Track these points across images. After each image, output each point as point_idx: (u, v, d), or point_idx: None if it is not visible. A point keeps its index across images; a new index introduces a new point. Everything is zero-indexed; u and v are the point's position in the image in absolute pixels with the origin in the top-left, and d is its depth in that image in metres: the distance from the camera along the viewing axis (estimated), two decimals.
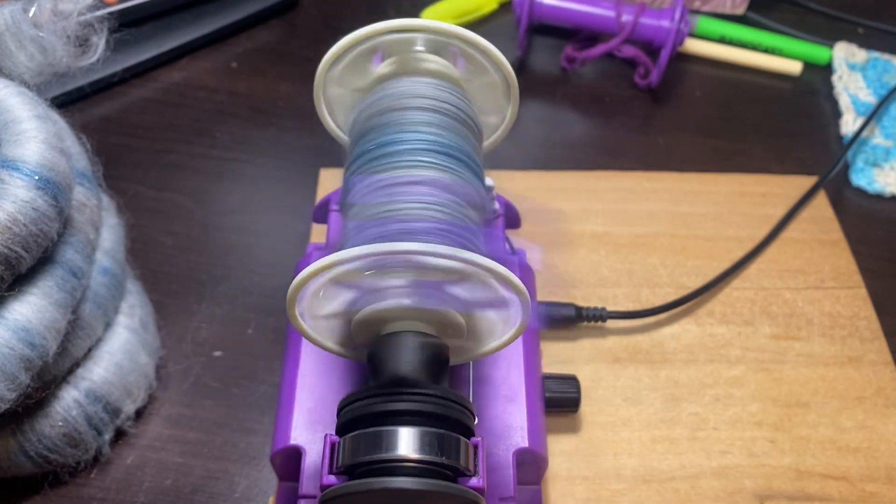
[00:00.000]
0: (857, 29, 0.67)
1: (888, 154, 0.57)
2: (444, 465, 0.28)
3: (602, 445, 0.42)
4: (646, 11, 0.59)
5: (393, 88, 0.35)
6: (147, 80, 0.61)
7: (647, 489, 0.41)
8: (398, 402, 0.28)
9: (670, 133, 0.59)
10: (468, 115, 0.35)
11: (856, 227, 0.53)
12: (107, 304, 0.40)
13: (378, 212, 0.31)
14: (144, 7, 0.60)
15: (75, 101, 0.58)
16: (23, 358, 0.33)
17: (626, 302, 0.48)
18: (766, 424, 0.43)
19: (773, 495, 0.41)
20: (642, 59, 0.60)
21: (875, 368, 0.46)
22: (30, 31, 0.37)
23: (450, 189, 0.32)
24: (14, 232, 0.32)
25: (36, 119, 0.35)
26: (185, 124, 0.58)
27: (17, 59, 0.38)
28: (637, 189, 0.54)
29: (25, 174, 0.33)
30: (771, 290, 0.49)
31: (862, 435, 0.43)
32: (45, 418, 0.38)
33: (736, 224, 0.52)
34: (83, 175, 0.39)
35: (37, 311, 0.34)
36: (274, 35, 0.66)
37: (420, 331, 0.31)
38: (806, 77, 0.63)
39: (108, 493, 0.41)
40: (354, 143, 0.35)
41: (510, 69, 0.36)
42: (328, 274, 0.30)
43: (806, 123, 0.60)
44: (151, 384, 0.43)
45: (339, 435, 0.29)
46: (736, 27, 0.65)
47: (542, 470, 0.37)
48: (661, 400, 0.44)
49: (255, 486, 0.41)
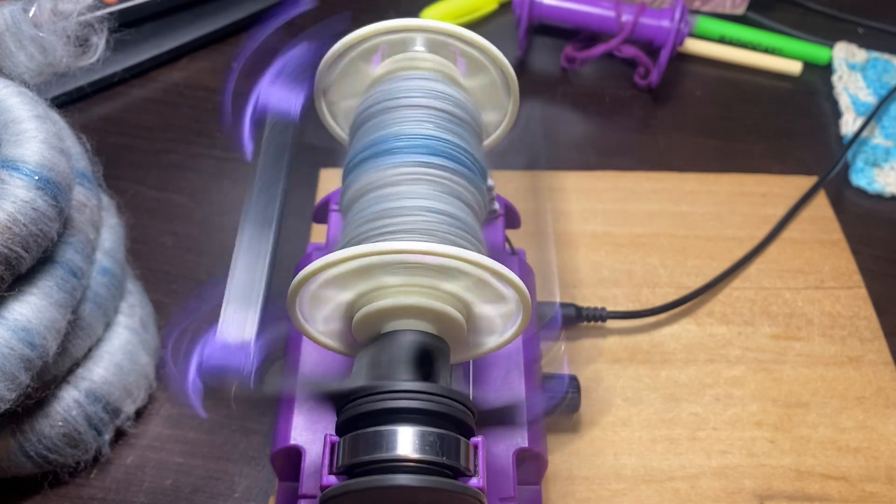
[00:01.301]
0: (857, 29, 0.67)
1: (888, 154, 0.57)
2: (445, 464, 0.28)
3: (602, 445, 0.42)
4: (646, 11, 0.59)
5: (393, 87, 0.35)
6: (147, 80, 0.61)
7: (647, 489, 0.41)
8: (398, 401, 0.28)
9: (670, 133, 0.59)
10: (469, 114, 0.35)
11: (856, 227, 0.53)
12: (107, 304, 0.40)
13: (378, 210, 0.31)
14: (144, 7, 0.60)
15: (75, 101, 0.58)
16: (23, 358, 0.33)
17: (626, 302, 0.48)
18: (766, 424, 0.43)
19: (773, 495, 0.41)
20: (642, 59, 0.60)
21: (875, 368, 0.46)
22: (30, 31, 0.37)
23: (450, 188, 0.32)
24: (14, 232, 0.32)
25: (36, 119, 0.35)
26: (185, 124, 0.58)
27: (17, 59, 0.38)
28: (637, 189, 0.54)
29: (25, 174, 0.33)
30: (771, 290, 0.49)
31: (862, 435, 0.43)
32: (45, 418, 0.38)
33: (736, 224, 0.52)
34: (83, 175, 0.39)
35: (37, 311, 0.34)
36: (274, 35, 0.65)
37: (420, 329, 0.31)
38: (806, 77, 0.63)
39: (108, 493, 0.41)
40: (355, 141, 0.35)
41: (510, 69, 0.36)
42: (328, 273, 0.30)
43: (806, 123, 0.60)
44: (151, 384, 0.43)
45: (338, 434, 0.29)
46: (736, 27, 0.65)
47: (542, 470, 0.37)
48: (661, 400, 0.44)
49: (255, 486, 0.41)
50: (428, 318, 0.31)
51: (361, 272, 0.30)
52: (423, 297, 0.30)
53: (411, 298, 0.30)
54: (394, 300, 0.30)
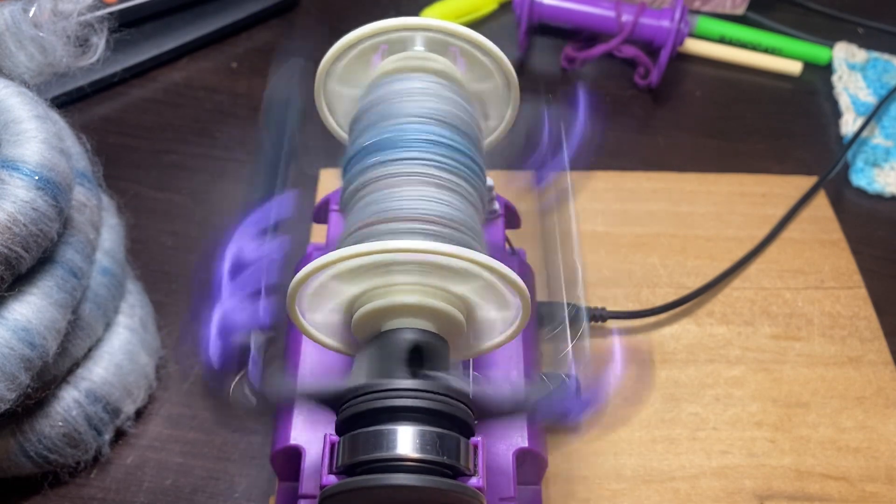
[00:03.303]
0: (857, 29, 0.67)
1: (888, 154, 0.57)
2: (444, 464, 0.28)
3: (602, 445, 0.42)
4: (646, 11, 0.59)
5: (393, 86, 0.35)
6: (147, 80, 0.61)
7: (647, 489, 0.41)
8: (398, 399, 0.28)
9: (670, 133, 0.59)
10: (469, 113, 0.35)
11: (856, 227, 0.53)
12: (107, 304, 0.40)
13: (378, 209, 0.31)
14: (144, 7, 0.60)
15: (75, 101, 0.58)
16: (23, 358, 0.33)
17: (626, 302, 0.48)
18: (766, 424, 0.43)
19: (773, 495, 0.41)
20: (642, 59, 0.60)
21: (875, 368, 0.46)
22: (30, 31, 0.37)
23: (450, 187, 0.32)
24: (14, 232, 0.32)
25: (36, 119, 0.35)
26: (185, 124, 0.58)
27: (17, 59, 0.38)
28: (637, 189, 0.54)
29: (25, 174, 0.33)
30: (771, 290, 0.49)
31: (862, 435, 0.43)
32: (45, 418, 0.38)
33: (736, 224, 0.52)
34: (83, 175, 0.39)
35: (37, 311, 0.34)
36: (274, 35, 0.65)
37: (420, 328, 0.31)
38: (806, 77, 0.63)
39: (108, 493, 0.41)
40: (354, 140, 0.35)
41: (510, 68, 0.36)
42: (328, 272, 0.30)
43: (806, 123, 0.60)
44: (151, 384, 0.43)
45: (338, 432, 0.29)
46: (736, 27, 0.65)
47: (542, 470, 0.37)
48: (661, 400, 0.44)
49: (255, 486, 0.41)
50: (428, 317, 0.31)
51: (361, 271, 0.30)
52: (423, 295, 0.30)
53: (411, 297, 0.30)
54: (394, 299, 0.30)
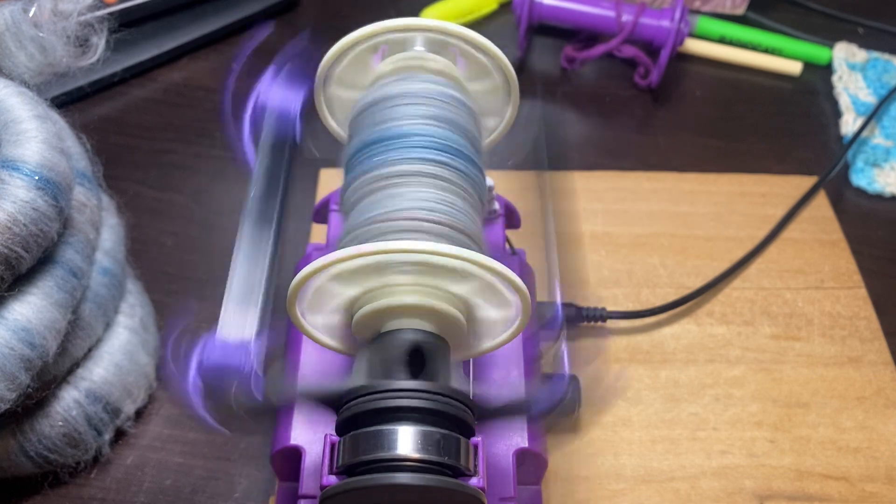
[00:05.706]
0: (857, 29, 0.67)
1: (888, 154, 0.57)
2: (445, 464, 0.28)
3: (602, 445, 0.42)
4: (646, 11, 0.59)
5: (393, 87, 0.35)
6: (147, 80, 0.61)
7: (647, 489, 0.41)
8: (399, 400, 0.28)
9: (670, 133, 0.59)
10: (469, 113, 0.35)
11: (856, 227, 0.53)
12: (107, 304, 0.40)
13: (378, 209, 0.31)
14: (144, 7, 0.60)
15: (75, 101, 0.58)
16: (23, 358, 0.33)
17: (626, 302, 0.48)
18: (766, 424, 0.43)
19: (773, 495, 0.41)
20: (642, 59, 0.60)
21: (875, 368, 0.46)
22: (30, 31, 0.37)
23: (450, 187, 0.32)
24: (14, 232, 0.32)
25: (36, 119, 0.35)
26: (185, 124, 0.58)
27: (17, 59, 0.38)
28: (637, 189, 0.54)
29: (25, 174, 0.33)
30: (771, 290, 0.49)
31: (862, 435, 0.43)
32: (45, 418, 0.38)
33: (736, 224, 0.52)
34: (83, 175, 0.39)
35: (37, 311, 0.34)
36: (274, 35, 0.65)
37: (421, 328, 0.31)
38: (806, 77, 0.63)
39: (108, 493, 0.41)
40: (354, 140, 0.35)
41: (510, 68, 0.36)
42: (328, 272, 0.30)
43: (806, 123, 0.60)
44: (151, 384, 0.43)
45: (339, 432, 0.29)
46: (736, 27, 0.65)
47: (542, 470, 0.37)
48: (661, 400, 0.44)
49: (255, 486, 0.41)
50: (428, 317, 0.31)
51: (362, 271, 0.30)
52: (423, 296, 0.30)
53: (412, 297, 0.30)
54: (394, 299, 0.30)
